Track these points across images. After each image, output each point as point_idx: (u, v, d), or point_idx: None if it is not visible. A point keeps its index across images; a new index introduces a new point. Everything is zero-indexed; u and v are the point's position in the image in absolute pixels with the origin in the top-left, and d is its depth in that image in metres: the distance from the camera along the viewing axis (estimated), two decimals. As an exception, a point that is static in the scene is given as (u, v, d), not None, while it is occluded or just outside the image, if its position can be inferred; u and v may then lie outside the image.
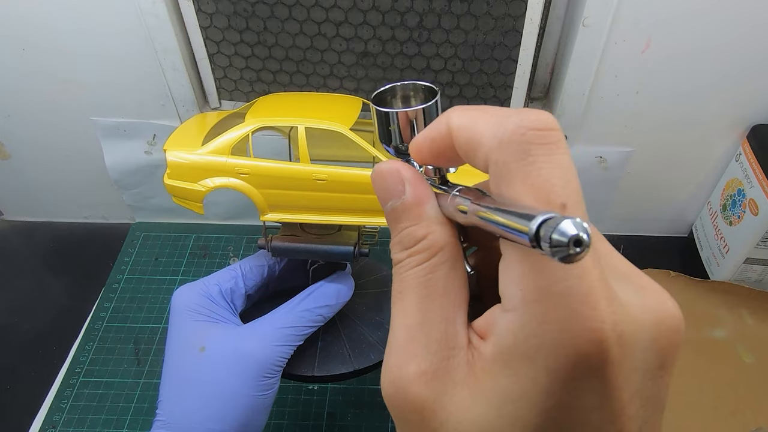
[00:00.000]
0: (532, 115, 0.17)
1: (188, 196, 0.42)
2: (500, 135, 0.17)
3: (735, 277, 0.63)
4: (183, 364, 0.41)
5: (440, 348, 0.19)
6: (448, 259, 0.20)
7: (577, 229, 0.13)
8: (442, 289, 0.20)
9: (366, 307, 0.48)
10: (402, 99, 0.25)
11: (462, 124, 0.19)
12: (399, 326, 0.20)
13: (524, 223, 0.15)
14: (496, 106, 0.19)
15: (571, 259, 0.13)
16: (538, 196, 0.17)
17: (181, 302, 0.43)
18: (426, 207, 0.21)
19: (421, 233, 0.20)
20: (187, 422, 0.39)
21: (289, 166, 0.40)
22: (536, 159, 0.17)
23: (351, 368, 0.44)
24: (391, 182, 0.21)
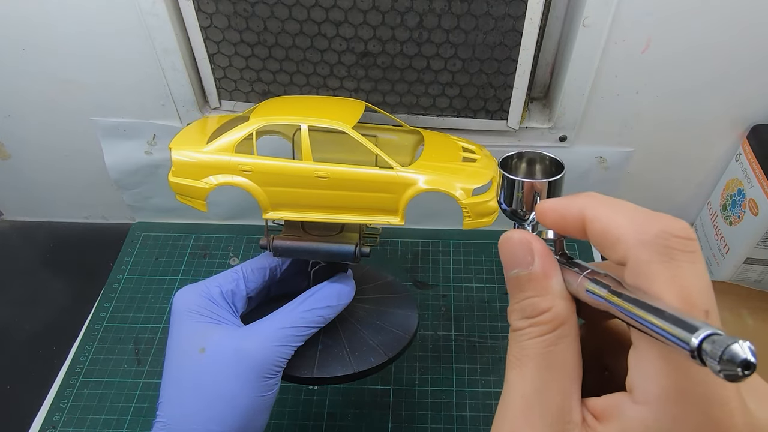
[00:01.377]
0: (676, 223, 0.19)
1: (192, 194, 0.42)
2: (643, 235, 0.19)
3: (735, 277, 0.63)
4: (183, 366, 0.41)
5: (556, 421, 0.20)
6: (569, 333, 0.21)
7: (747, 354, 0.14)
8: (562, 362, 0.21)
9: (367, 312, 0.48)
10: (527, 162, 0.26)
11: (600, 216, 0.20)
12: (516, 392, 0.21)
13: (685, 333, 0.15)
14: (632, 203, 0.21)
15: (737, 380, 0.14)
16: (684, 300, 0.17)
17: (182, 303, 0.43)
18: (552, 281, 0.22)
19: (545, 305, 0.21)
20: (187, 424, 0.39)
21: (292, 164, 0.41)
22: (681, 264, 0.18)
23: (351, 371, 0.43)
24: (520, 251, 0.22)
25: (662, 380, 0.18)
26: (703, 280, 0.18)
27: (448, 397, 0.56)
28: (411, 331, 0.47)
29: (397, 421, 0.55)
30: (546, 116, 0.60)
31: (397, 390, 0.57)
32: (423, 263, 0.68)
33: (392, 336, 0.46)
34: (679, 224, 0.19)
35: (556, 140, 0.60)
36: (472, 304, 0.64)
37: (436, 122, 0.59)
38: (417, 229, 0.71)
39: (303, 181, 0.41)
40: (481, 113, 0.58)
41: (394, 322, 0.47)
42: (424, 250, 0.70)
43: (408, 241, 0.70)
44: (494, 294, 0.65)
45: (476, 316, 0.63)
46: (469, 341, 0.61)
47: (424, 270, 0.68)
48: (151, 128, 0.62)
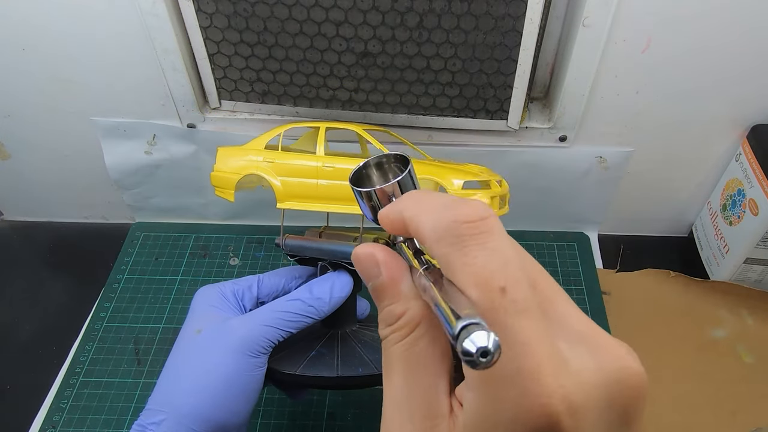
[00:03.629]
0: (465, 209, 0.19)
1: (224, 185, 0.48)
2: (438, 230, 0.19)
3: (735, 277, 0.63)
4: (179, 347, 0.43)
5: (424, 418, 0.20)
6: (426, 331, 0.21)
7: (485, 342, 0.15)
8: (423, 360, 0.21)
9: (370, 339, 0.48)
10: (377, 168, 0.26)
11: (409, 216, 0.21)
12: (387, 399, 0.22)
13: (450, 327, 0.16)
14: (442, 195, 0.21)
15: (477, 367, 0.15)
16: (478, 284, 0.18)
17: (198, 297, 0.45)
18: (401, 285, 0.22)
19: (399, 310, 0.22)
20: (167, 397, 0.40)
21: (306, 158, 0.47)
22: (471, 249, 0.18)
23: (334, 374, 0.43)
24: (367, 264, 0.23)
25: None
26: (499, 257, 0.18)
27: (448, 397, 0.56)
28: None
29: (397, 421, 0.55)
30: (546, 116, 0.60)
31: (397, 390, 0.57)
32: (423, 263, 0.68)
33: None
34: (468, 209, 0.19)
35: (556, 140, 0.60)
36: (472, 304, 0.64)
37: (436, 122, 0.59)
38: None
39: (313, 171, 0.46)
40: (481, 113, 0.58)
41: None
42: (424, 250, 0.70)
43: (408, 241, 0.70)
44: (494, 294, 0.65)
45: (476, 316, 0.63)
46: (469, 341, 0.61)
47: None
48: (151, 128, 0.62)
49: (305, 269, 0.49)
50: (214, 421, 0.39)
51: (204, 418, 0.39)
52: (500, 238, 0.19)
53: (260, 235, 0.71)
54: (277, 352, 0.43)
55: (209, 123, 0.61)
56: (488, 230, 0.19)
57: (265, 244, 0.70)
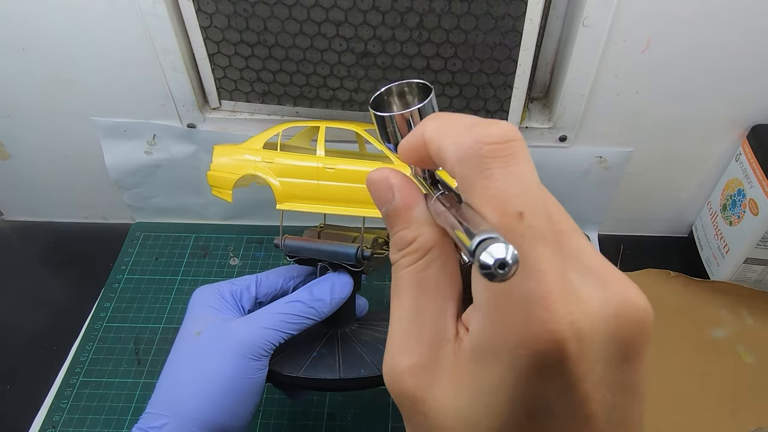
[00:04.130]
0: (491, 129, 0.18)
1: (222, 185, 0.48)
2: (460, 150, 0.19)
3: (735, 277, 0.63)
4: (178, 349, 0.42)
5: (430, 340, 0.20)
6: (438, 257, 0.21)
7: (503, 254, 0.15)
8: (434, 285, 0.21)
9: (371, 338, 0.48)
10: (398, 96, 0.25)
11: (432, 137, 0.20)
12: (395, 321, 0.22)
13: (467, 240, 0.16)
14: (465, 115, 0.20)
15: (494, 279, 0.15)
16: (496, 207, 0.18)
17: (196, 298, 0.45)
18: (414, 211, 0.22)
19: (411, 236, 0.22)
20: (168, 401, 0.40)
21: (306, 158, 0.46)
22: (493, 172, 0.18)
23: (336, 376, 0.43)
24: (382, 189, 0.22)
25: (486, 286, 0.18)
26: (520, 182, 0.18)
27: (448, 397, 0.56)
28: None
29: (397, 421, 0.55)
30: (546, 116, 0.60)
31: (397, 390, 0.57)
32: (423, 263, 0.68)
33: None
34: (494, 128, 0.18)
35: (556, 140, 0.60)
36: (472, 304, 0.64)
37: (436, 122, 0.59)
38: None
39: (313, 172, 0.46)
40: (481, 113, 0.58)
41: None
42: (424, 250, 0.70)
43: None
44: (494, 294, 0.65)
45: (476, 316, 0.63)
46: (469, 341, 0.61)
47: (424, 270, 0.67)
48: (151, 128, 0.62)
49: (304, 268, 0.49)
50: (216, 424, 0.39)
51: (206, 422, 0.39)
52: (524, 163, 0.18)
53: (260, 235, 0.71)
54: (277, 353, 0.43)
55: (209, 123, 0.61)
56: (512, 153, 0.18)
57: (265, 244, 0.70)
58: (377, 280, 0.66)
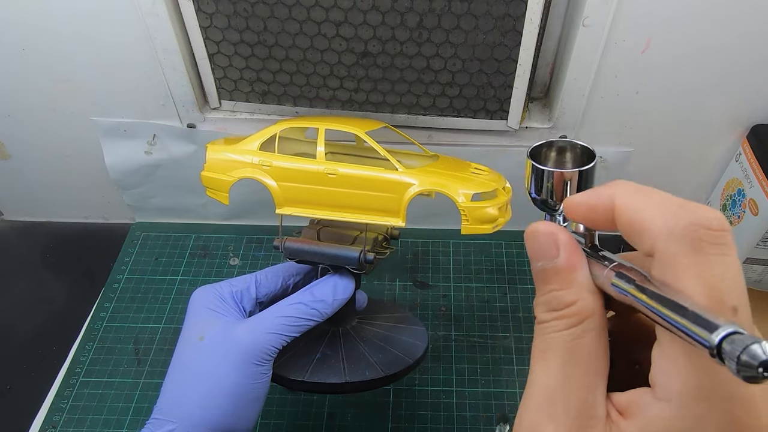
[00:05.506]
0: (708, 213, 0.18)
1: (218, 187, 0.47)
2: (672, 226, 0.18)
3: (735, 277, 0.63)
4: (182, 353, 0.42)
5: (579, 415, 0.20)
6: (595, 327, 0.21)
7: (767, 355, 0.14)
8: (587, 356, 0.20)
9: (373, 335, 0.48)
10: (557, 151, 0.25)
11: (629, 205, 0.20)
12: (539, 384, 0.21)
13: (705, 332, 0.15)
14: (664, 192, 0.20)
15: (756, 381, 0.14)
16: (711, 296, 0.17)
17: (195, 299, 0.45)
18: (578, 273, 0.21)
19: (570, 299, 0.21)
20: (175, 407, 0.40)
21: (306, 162, 0.45)
22: (710, 258, 0.17)
23: (342, 380, 0.43)
24: (545, 243, 0.22)
25: (684, 377, 0.17)
26: (734, 275, 0.17)
27: (448, 397, 0.56)
28: (415, 356, 0.46)
29: (397, 421, 0.55)
30: (546, 116, 0.60)
31: (397, 390, 0.57)
32: (423, 263, 0.68)
33: (393, 356, 0.45)
34: (711, 214, 0.18)
35: (556, 140, 0.60)
36: (472, 304, 0.64)
37: (436, 122, 0.59)
38: (417, 229, 0.71)
39: (314, 177, 0.44)
40: (481, 113, 0.58)
41: (399, 346, 0.47)
42: (424, 250, 0.70)
43: (408, 241, 0.70)
44: (494, 294, 0.65)
45: (476, 316, 0.63)
46: (469, 341, 0.61)
47: (424, 270, 0.68)
48: (151, 128, 0.62)
49: (303, 266, 0.49)
50: (223, 429, 0.39)
51: (213, 428, 0.39)
52: (736, 255, 0.18)
53: (260, 235, 0.71)
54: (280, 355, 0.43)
55: (209, 123, 0.61)
56: (727, 243, 0.18)
57: (265, 244, 0.70)
58: (377, 280, 0.66)
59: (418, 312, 0.63)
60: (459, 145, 0.60)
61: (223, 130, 0.61)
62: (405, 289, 0.66)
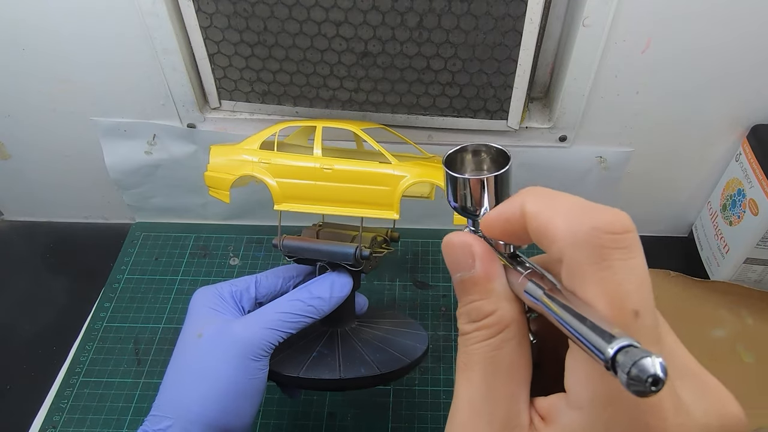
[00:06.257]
0: (609, 216, 0.18)
1: (219, 185, 0.48)
2: (575, 234, 0.18)
3: (735, 277, 0.63)
4: (181, 351, 0.42)
5: (503, 427, 0.20)
6: (515, 335, 0.20)
7: (656, 369, 0.14)
8: (508, 365, 0.20)
9: (371, 336, 0.48)
10: (473, 155, 0.25)
11: (536, 212, 0.19)
12: (463, 397, 0.21)
13: (601, 343, 0.15)
14: (571, 196, 0.20)
15: (645, 395, 0.14)
16: (612, 303, 0.17)
17: (196, 299, 0.45)
18: (495, 283, 0.21)
19: (488, 309, 0.21)
20: (173, 404, 0.40)
21: (303, 159, 0.46)
22: (611, 263, 0.17)
23: (337, 376, 0.43)
24: (461, 255, 0.22)
25: (593, 385, 0.17)
26: (636, 278, 0.17)
27: (448, 397, 0.56)
28: (413, 357, 0.46)
29: (397, 421, 0.55)
30: (546, 116, 0.60)
31: (397, 390, 0.57)
32: (423, 263, 0.68)
33: (390, 356, 0.45)
34: (613, 217, 0.18)
35: (556, 140, 0.60)
36: (472, 304, 0.64)
37: (436, 122, 0.59)
38: (417, 229, 0.71)
39: (311, 173, 0.45)
40: (481, 113, 0.58)
41: (397, 347, 0.47)
42: (424, 250, 0.70)
43: (408, 241, 0.70)
44: (494, 294, 0.65)
45: (476, 316, 0.63)
46: (469, 341, 0.61)
47: (424, 270, 0.68)
48: (151, 128, 0.62)
49: (303, 268, 0.49)
50: (220, 425, 0.39)
51: (210, 424, 0.39)
52: (640, 256, 0.18)
53: (260, 235, 0.71)
54: (277, 352, 0.43)
55: (209, 123, 0.61)
56: (630, 245, 0.18)
57: (265, 244, 0.70)
58: (377, 280, 0.66)
59: (418, 312, 0.63)
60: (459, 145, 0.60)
61: (223, 130, 0.61)
62: (405, 289, 0.66)
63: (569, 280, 0.18)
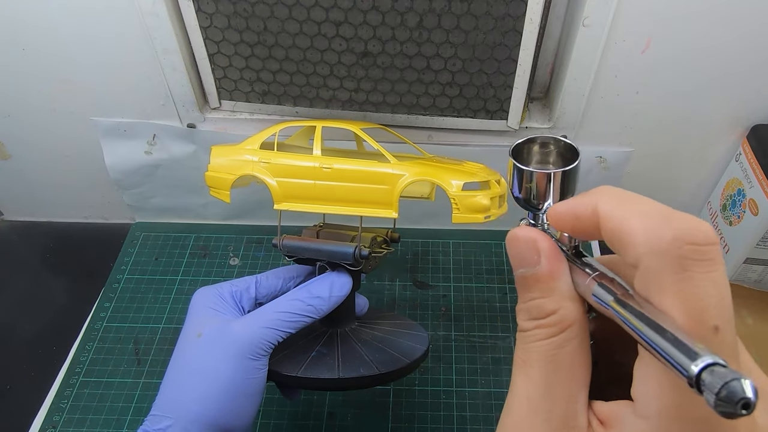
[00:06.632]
0: (692, 226, 0.17)
1: (219, 185, 0.48)
2: (656, 242, 0.17)
3: (735, 277, 0.63)
4: (181, 351, 0.43)
5: (560, 425, 0.19)
6: (576, 335, 0.20)
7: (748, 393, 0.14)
8: (569, 365, 0.20)
9: (371, 337, 0.48)
10: (540, 147, 0.24)
11: (613, 215, 0.19)
12: (521, 395, 0.21)
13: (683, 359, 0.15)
14: (647, 199, 0.19)
15: (733, 417, 0.14)
16: (692, 316, 0.16)
17: (196, 299, 0.45)
18: (559, 281, 0.21)
19: (551, 307, 0.20)
20: (172, 404, 0.40)
21: (303, 158, 0.46)
22: (693, 275, 0.17)
23: (335, 375, 0.43)
24: (526, 250, 0.21)
25: (664, 397, 0.17)
26: (718, 292, 0.17)
27: (448, 397, 0.56)
28: (412, 357, 0.46)
29: (397, 421, 0.55)
30: (546, 116, 0.60)
31: (397, 390, 0.57)
32: (423, 263, 0.68)
33: (390, 356, 0.45)
34: (697, 228, 0.17)
35: (556, 140, 0.60)
36: (472, 304, 0.64)
37: (436, 122, 0.59)
38: (417, 229, 0.71)
39: (310, 172, 0.45)
40: (481, 113, 0.58)
41: (397, 348, 0.47)
42: (424, 250, 0.70)
43: (408, 241, 0.70)
44: (494, 294, 0.65)
45: (476, 316, 0.63)
46: (469, 341, 0.61)
47: (424, 270, 0.68)
48: (151, 128, 0.62)
49: (303, 268, 0.49)
50: (220, 425, 0.39)
51: (210, 423, 0.39)
52: (722, 270, 0.17)
53: (260, 235, 0.71)
54: (277, 352, 0.43)
55: (209, 123, 0.61)
56: (713, 258, 0.17)
57: (265, 244, 0.70)
58: (377, 280, 0.66)
59: (418, 312, 0.63)
60: (459, 145, 0.60)
61: (223, 130, 0.61)
62: (405, 289, 0.66)
63: (644, 288, 0.18)
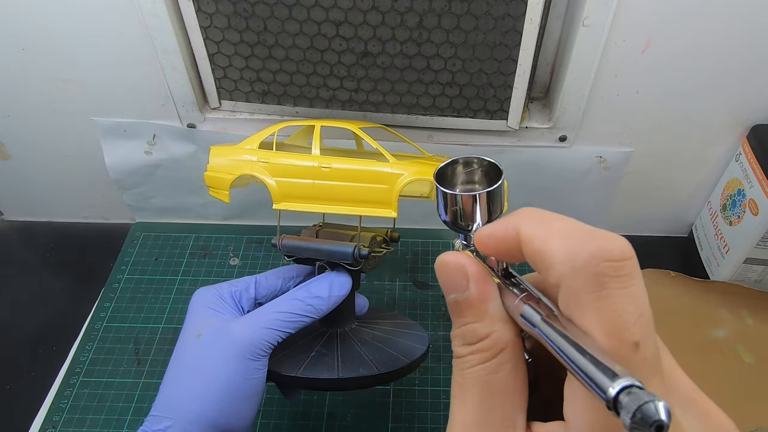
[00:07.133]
0: (608, 244, 0.17)
1: (219, 185, 0.48)
2: (573, 261, 0.17)
3: (735, 277, 0.63)
4: (180, 351, 0.42)
5: None
6: (510, 358, 0.20)
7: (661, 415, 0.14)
8: (504, 389, 0.20)
9: (371, 336, 0.48)
10: (464, 166, 0.24)
11: (533, 236, 0.19)
12: (458, 422, 0.20)
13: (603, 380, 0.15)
14: (567, 218, 0.19)
15: None
16: (611, 333, 0.17)
17: (196, 299, 0.45)
18: (489, 305, 0.21)
19: (484, 331, 0.20)
20: (172, 404, 0.40)
21: (302, 158, 0.46)
22: (610, 292, 0.17)
23: (335, 375, 0.43)
24: (455, 276, 0.21)
25: (591, 417, 0.17)
26: (636, 307, 0.17)
27: (448, 397, 0.56)
28: (412, 357, 0.46)
29: (397, 421, 0.55)
30: (546, 116, 0.60)
31: (397, 390, 0.57)
32: (423, 263, 0.68)
33: (389, 356, 0.45)
34: (612, 244, 0.17)
35: (556, 140, 0.60)
36: (472, 304, 0.64)
37: (436, 122, 0.59)
38: (417, 229, 0.71)
39: (309, 171, 0.45)
40: (481, 113, 0.58)
41: (397, 348, 0.47)
42: (424, 250, 0.70)
43: (408, 241, 0.70)
44: (494, 294, 0.65)
45: (476, 316, 0.63)
46: (469, 341, 0.61)
47: (424, 270, 0.68)
48: (151, 128, 0.62)
49: (303, 268, 0.49)
50: (219, 425, 0.39)
51: (210, 424, 0.39)
52: (639, 284, 0.17)
53: (260, 235, 0.71)
54: (276, 352, 0.43)
55: (209, 123, 0.61)
56: (629, 273, 0.17)
57: (265, 244, 0.70)
58: (377, 280, 0.66)
59: (418, 312, 0.63)
60: (459, 145, 0.60)
61: (223, 130, 0.61)
62: (405, 289, 0.66)
63: (567, 308, 0.18)
